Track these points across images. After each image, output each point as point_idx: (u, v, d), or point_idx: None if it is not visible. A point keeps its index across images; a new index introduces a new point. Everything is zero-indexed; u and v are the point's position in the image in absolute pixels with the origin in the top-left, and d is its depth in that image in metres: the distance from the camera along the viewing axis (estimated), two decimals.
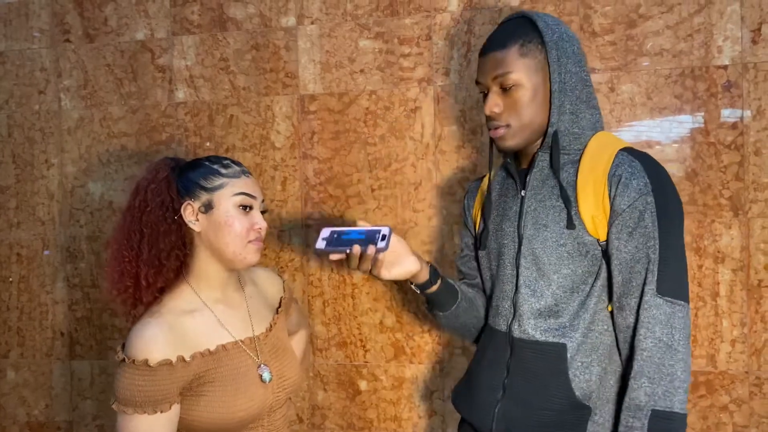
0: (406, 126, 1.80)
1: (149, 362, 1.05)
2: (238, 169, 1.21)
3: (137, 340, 1.07)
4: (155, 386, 1.05)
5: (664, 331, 1.03)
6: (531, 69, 1.09)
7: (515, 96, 1.10)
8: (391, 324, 1.83)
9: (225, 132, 1.91)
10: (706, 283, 1.65)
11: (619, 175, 1.06)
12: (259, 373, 1.19)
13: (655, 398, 1.02)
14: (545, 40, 1.10)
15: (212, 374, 1.12)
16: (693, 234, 1.65)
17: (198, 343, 1.13)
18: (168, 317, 1.12)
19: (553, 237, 1.11)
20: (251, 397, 1.15)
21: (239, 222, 1.16)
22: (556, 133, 1.10)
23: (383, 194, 1.82)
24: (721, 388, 1.65)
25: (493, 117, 1.13)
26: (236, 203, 1.16)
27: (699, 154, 1.64)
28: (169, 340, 1.08)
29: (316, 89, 1.85)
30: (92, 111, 1.99)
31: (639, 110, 1.67)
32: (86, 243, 2.01)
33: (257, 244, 1.19)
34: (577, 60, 1.12)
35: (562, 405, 1.08)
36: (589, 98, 1.13)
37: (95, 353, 2.02)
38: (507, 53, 1.09)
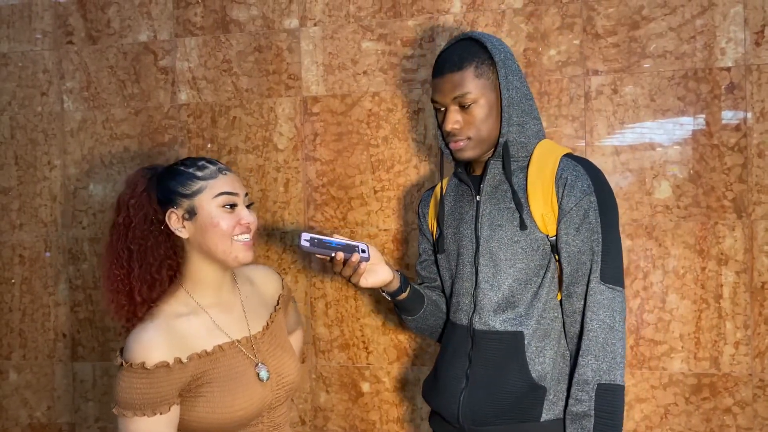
0: (408, 128, 1.80)
1: (146, 365, 1.06)
2: (214, 168, 1.18)
3: (134, 344, 1.09)
4: (153, 389, 1.06)
5: (606, 314, 1.16)
6: (485, 87, 1.22)
7: (473, 113, 1.22)
8: (394, 326, 1.83)
9: (227, 134, 1.91)
10: (709, 286, 1.65)
11: (565, 178, 1.19)
12: (257, 371, 1.19)
13: (600, 373, 1.15)
14: (495, 60, 1.22)
15: (210, 375, 1.13)
16: (696, 236, 1.65)
17: (194, 345, 1.13)
18: (164, 321, 1.13)
19: (507, 236, 1.23)
20: (250, 397, 1.16)
21: (224, 221, 1.15)
22: (507, 143, 1.23)
23: (386, 196, 1.82)
24: (724, 390, 1.65)
25: (453, 132, 1.24)
26: (219, 204, 1.15)
27: (702, 156, 1.64)
28: (165, 342, 1.09)
29: (318, 91, 1.85)
30: (95, 113, 1.99)
31: (642, 112, 1.67)
32: (88, 244, 2.01)
33: (246, 241, 1.17)
34: (520, 76, 1.25)
35: (521, 387, 1.19)
36: (531, 110, 1.26)
37: (97, 355, 2.02)
38: (464, 75, 1.21)
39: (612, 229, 1.20)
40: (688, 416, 1.67)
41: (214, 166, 1.19)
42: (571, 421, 1.16)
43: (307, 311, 1.87)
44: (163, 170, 1.21)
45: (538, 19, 1.71)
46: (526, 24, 1.72)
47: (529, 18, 1.72)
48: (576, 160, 1.22)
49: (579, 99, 1.70)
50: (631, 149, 1.68)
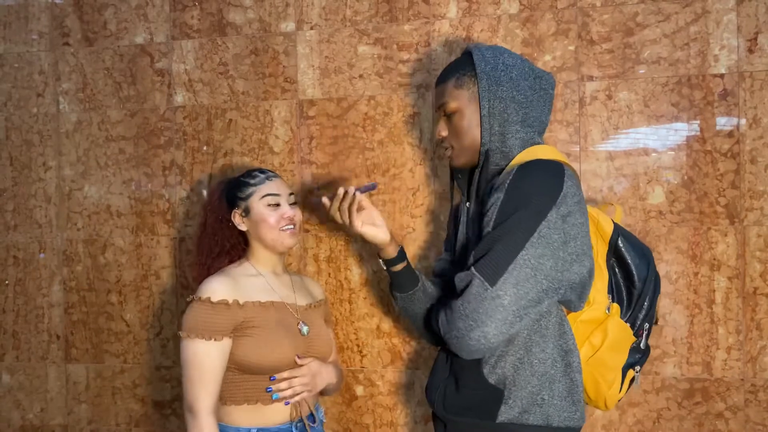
0: (404, 132, 1.80)
1: (212, 299, 1.39)
2: (263, 176, 1.53)
3: (205, 285, 1.42)
4: (213, 318, 1.37)
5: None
6: (466, 98, 1.27)
7: (454, 122, 1.29)
8: (388, 329, 1.83)
9: (223, 136, 1.91)
10: (702, 291, 1.66)
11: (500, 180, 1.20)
12: (299, 327, 1.49)
13: None
14: (477, 72, 1.25)
15: (259, 320, 1.42)
16: (689, 241, 1.66)
17: (252, 295, 1.45)
18: (230, 274, 1.47)
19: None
20: (288, 344, 1.44)
21: (271, 216, 1.48)
22: (488, 152, 1.26)
23: (381, 199, 1.82)
24: (716, 395, 1.66)
25: (441, 140, 1.34)
26: (265, 203, 1.49)
27: (695, 161, 1.65)
28: (228, 287, 1.42)
29: (314, 94, 1.85)
30: (90, 114, 1.99)
31: (636, 118, 1.68)
32: (83, 246, 2.00)
33: (291, 229, 1.49)
34: (513, 85, 1.24)
35: (479, 387, 1.21)
36: (524, 118, 1.25)
37: (91, 357, 2.02)
38: (445, 86, 1.30)
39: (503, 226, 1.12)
40: (680, 421, 1.68)
41: (263, 175, 1.53)
42: None
43: None
44: (231, 181, 1.57)
45: (534, 24, 1.72)
46: (522, 29, 1.73)
47: (525, 23, 1.73)
48: (524, 165, 1.16)
49: (573, 104, 1.71)
50: (625, 155, 1.68)
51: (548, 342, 1.19)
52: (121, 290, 1.99)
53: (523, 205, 1.12)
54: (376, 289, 1.84)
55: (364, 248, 1.83)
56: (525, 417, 1.18)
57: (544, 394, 1.18)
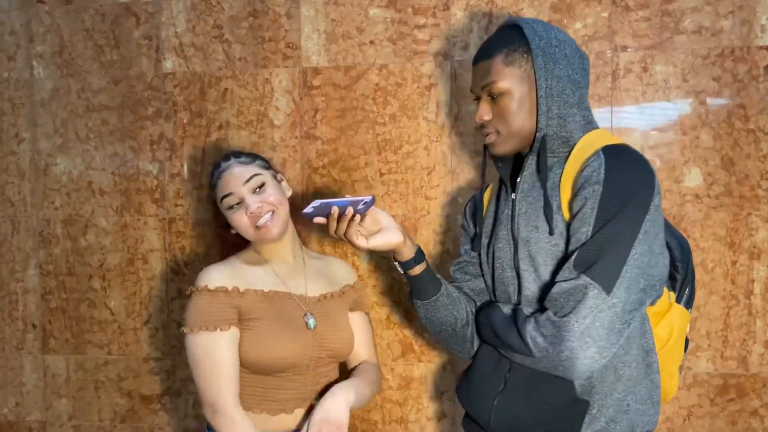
0: (419, 105, 1.64)
1: (208, 287, 1.27)
2: (216, 173, 1.34)
3: (202, 274, 1.30)
4: (213, 307, 1.24)
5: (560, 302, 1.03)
6: (517, 77, 1.11)
7: (502, 104, 1.12)
8: (399, 320, 1.69)
9: (218, 107, 1.73)
10: (739, 281, 1.54)
11: (582, 170, 1.07)
12: (305, 320, 1.32)
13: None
14: (531, 47, 1.10)
15: (260, 311, 1.28)
16: (728, 227, 1.54)
17: (253, 283, 1.31)
18: (231, 262, 1.35)
19: (545, 238, 1.11)
20: (292, 340, 1.28)
21: (238, 219, 1.31)
22: (544, 138, 1.11)
23: (393, 179, 1.67)
24: (752, 392, 1.55)
25: (483, 124, 1.16)
26: (226, 208, 1.32)
27: (737, 141, 1.52)
28: (227, 274, 1.29)
29: (320, 62, 1.68)
30: (68, 81, 1.79)
31: (673, 93, 1.54)
32: (62, 227, 1.82)
33: (267, 221, 1.30)
34: (569, 63, 1.11)
35: (562, 400, 1.08)
36: (581, 100, 1.13)
37: (71, 348, 1.85)
38: (492, 63, 1.12)
39: (611, 225, 1.00)
40: (712, 418, 1.58)
41: (217, 171, 1.35)
42: None
43: None
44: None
45: None
46: None
47: None
48: (608, 151, 1.06)
49: (606, 77, 1.57)
50: (661, 133, 1.55)
51: (632, 343, 1.08)
52: (104, 275, 1.82)
53: (628, 200, 1.01)
54: (386, 277, 1.69)
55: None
56: (611, 427, 1.07)
57: (629, 399, 1.08)
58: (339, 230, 1.13)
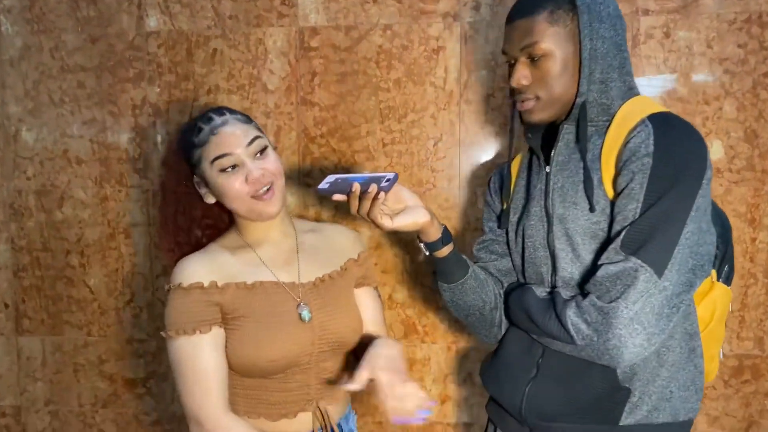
0: (426, 69, 1.53)
1: (182, 285, 1.09)
2: (207, 129, 1.10)
3: (177, 269, 1.12)
4: (189, 307, 1.07)
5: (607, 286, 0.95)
6: (561, 37, 1.00)
7: (544, 67, 1.01)
8: (402, 299, 1.60)
9: (206, 70, 1.60)
10: (759, 259, 1.48)
11: (628, 141, 0.98)
12: (299, 312, 1.12)
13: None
14: (577, 4, 1.00)
15: (246, 308, 1.10)
16: (748, 203, 1.47)
17: (235, 275, 1.12)
18: (208, 251, 1.15)
19: (584, 215, 1.01)
20: (286, 337, 1.10)
21: (231, 185, 1.09)
22: (585, 104, 1.01)
23: (396, 150, 1.56)
24: (767, 372, 1.50)
25: (520, 89, 1.04)
26: (218, 170, 1.09)
27: (761, 113, 1.45)
28: (204, 268, 1.10)
29: (318, 21, 1.55)
30: (40, 38, 1.64)
31: (697, 60, 1.46)
32: (35, 198, 1.68)
33: (266, 193, 1.10)
34: (612, 23, 1.02)
35: (602, 387, 1.01)
36: (622, 64, 1.03)
37: (47, 328, 1.72)
38: (535, 21, 1.00)
39: (662, 203, 0.92)
40: (726, 400, 1.53)
41: (208, 126, 1.10)
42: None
43: None
44: (181, 131, 1.17)
45: None
46: None
47: None
48: (654, 120, 0.97)
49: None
50: (682, 102, 1.47)
51: (676, 326, 1.01)
52: (83, 251, 1.68)
53: (680, 174, 0.93)
54: (388, 254, 1.59)
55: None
56: (654, 416, 1.00)
57: (673, 386, 1.01)
58: (362, 209, 1.00)
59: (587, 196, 0.99)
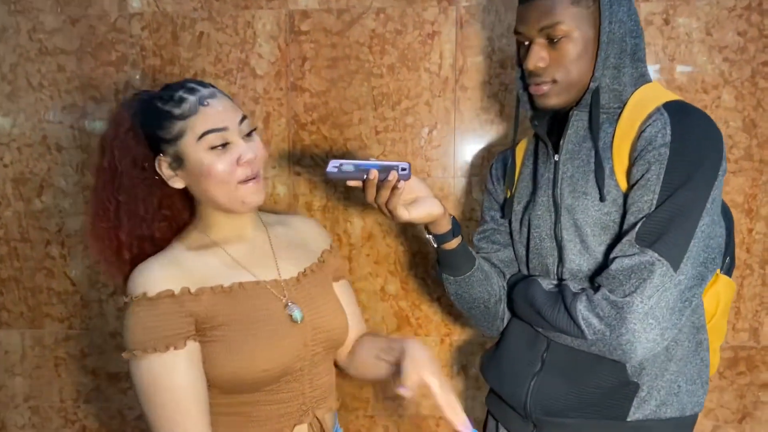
0: (420, 55, 1.49)
1: (148, 294, 0.92)
2: (194, 99, 0.95)
3: (136, 277, 0.94)
4: (160, 320, 0.91)
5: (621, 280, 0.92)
6: (582, 19, 0.96)
7: (564, 49, 0.97)
8: (395, 291, 1.57)
9: (192, 53, 1.54)
10: (755, 249, 1.47)
11: (644, 129, 0.95)
12: (288, 312, 1.00)
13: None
14: None
15: (228, 315, 0.96)
16: (745, 193, 1.45)
17: (208, 279, 0.97)
18: (170, 254, 0.98)
19: (595, 206, 0.98)
20: (278, 342, 0.97)
21: (219, 165, 0.94)
22: (598, 90, 0.98)
23: (390, 138, 1.52)
24: (762, 364, 1.50)
25: (537, 72, 0.99)
26: (206, 147, 0.94)
27: (760, 101, 1.43)
28: (170, 272, 0.94)
29: (309, 3, 1.50)
30: (17, 19, 1.56)
31: (696, 48, 1.43)
32: (12, 186, 1.61)
33: (253, 181, 0.97)
34: (628, 7, 0.99)
35: (610, 382, 0.98)
36: (635, 50, 1.00)
37: (27, 321, 1.66)
38: (556, 1, 0.96)
39: (679, 194, 0.90)
40: (720, 392, 1.52)
41: (194, 96, 0.95)
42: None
43: None
44: (144, 103, 0.98)
45: None
46: None
47: None
48: (669, 108, 0.94)
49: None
50: (681, 91, 1.44)
51: (685, 320, 0.98)
52: (63, 241, 1.62)
53: (697, 165, 0.90)
54: (381, 245, 1.55)
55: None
56: (662, 410, 0.98)
57: (681, 380, 0.99)
58: (380, 198, 0.95)
59: (598, 185, 0.96)
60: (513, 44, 1.45)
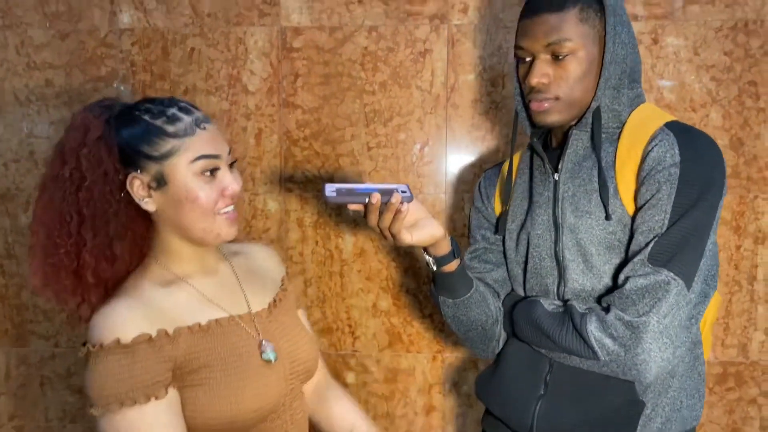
0: (412, 72, 1.49)
1: (122, 341, 0.82)
2: (190, 120, 0.89)
3: (101, 322, 0.84)
4: (137, 368, 0.82)
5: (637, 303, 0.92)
6: (589, 37, 0.97)
7: (569, 66, 0.97)
8: (386, 307, 1.56)
9: (183, 69, 1.53)
10: (743, 266, 1.49)
11: (650, 149, 0.95)
12: (261, 351, 0.94)
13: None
14: (605, 4, 0.97)
15: (207, 356, 0.88)
16: (733, 210, 1.47)
17: (182, 318, 0.89)
18: (136, 293, 0.88)
19: (600, 225, 0.99)
20: (262, 382, 0.92)
21: (204, 193, 0.89)
22: (599, 109, 0.99)
23: (382, 154, 1.52)
24: (750, 380, 1.51)
25: (539, 88, 0.99)
26: (197, 171, 0.88)
27: (747, 120, 1.45)
28: (142, 313, 0.85)
29: (301, 21, 1.50)
30: (5, 34, 1.55)
31: (684, 67, 1.45)
32: None
33: (231, 213, 0.92)
34: (629, 29, 1.00)
35: (618, 401, 0.98)
36: (633, 71, 1.01)
37: (11, 339, 1.63)
38: (565, 17, 0.96)
39: (691, 214, 0.91)
40: (709, 408, 1.53)
41: (189, 117, 0.89)
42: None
43: None
44: (120, 113, 0.90)
45: None
46: None
47: None
48: (673, 128, 0.95)
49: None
50: (670, 109, 1.46)
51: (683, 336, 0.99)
52: None
53: (707, 185, 0.91)
54: (372, 261, 1.55)
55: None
56: (667, 427, 0.98)
57: (682, 396, 1.00)
58: (383, 222, 0.93)
59: (603, 204, 0.97)
60: (504, 63, 1.47)
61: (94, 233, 0.86)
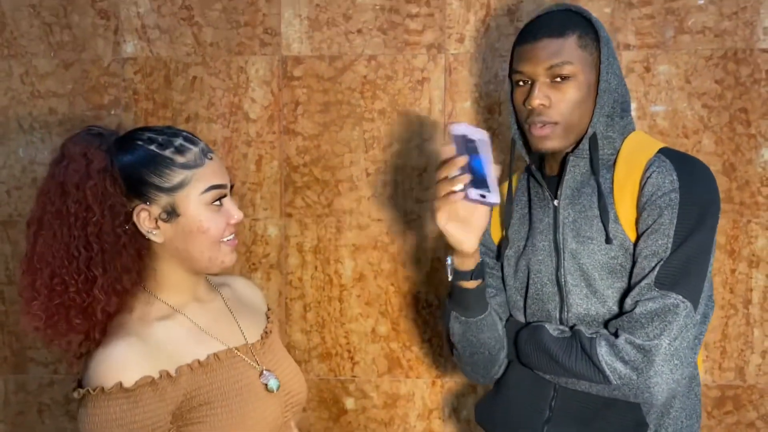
0: (410, 100, 1.52)
1: (124, 384, 0.79)
2: (197, 150, 0.90)
3: (102, 363, 0.81)
4: (139, 415, 0.80)
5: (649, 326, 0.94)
6: (587, 63, 1.00)
7: (568, 91, 0.99)
8: (386, 332, 1.57)
9: (185, 97, 1.56)
10: (738, 289, 1.50)
11: (649, 176, 0.98)
12: (263, 382, 0.94)
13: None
14: (600, 35, 1.01)
15: (207, 393, 0.87)
16: (727, 235, 1.49)
17: (181, 355, 0.88)
18: (131, 330, 0.86)
19: (601, 250, 1.01)
20: (262, 414, 0.91)
21: (215, 224, 0.90)
22: (595, 136, 1.01)
23: (381, 180, 1.54)
24: (748, 403, 1.52)
25: (540, 111, 1.00)
26: (207, 201, 0.90)
27: (738, 146, 1.48)
28: (144, 353, 0.83)
29: (302, 50, 1.53)
30: (10, 63, 1.57)
31: (676, 95, 1.48)
32: (1, 229, 1.60)
33: (233, 241, 0.95)
34: (617, 62, 1.05)
35: (626, 425, 0.99)
36: (623, 101, 1.06)
37: (10, 366, 1.63)
38: (566, 42, 0.99)
39: (693, 237, 0.94)
40: (709, 431, 1.53)
41: (196, 147, 0.91)
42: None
43: (281, 315, 1.57)
44: (122, 142, 0.91)
45: None
46: None
47: None
48: (668, 155, 1.00)
49: None
50: (662, 135, 1.49)
51: None
52: None
53: (706, 209, 0.96)
54: (371, 286, 1.56)
55: (363, 238, 1.55)
56: None
57: (683, 416, 1.02)
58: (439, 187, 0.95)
59: (605, 230, 0.99)
60: (500, 90, 1.50)
61: (104, 269, 0.84)
